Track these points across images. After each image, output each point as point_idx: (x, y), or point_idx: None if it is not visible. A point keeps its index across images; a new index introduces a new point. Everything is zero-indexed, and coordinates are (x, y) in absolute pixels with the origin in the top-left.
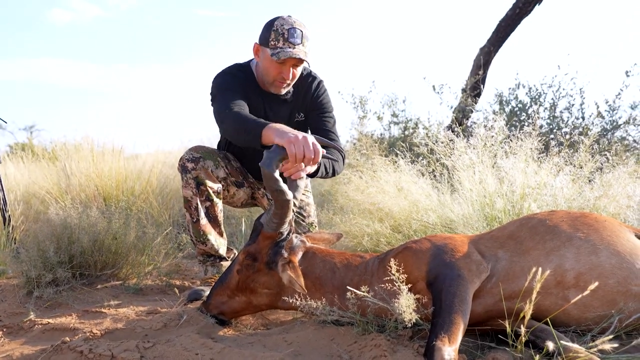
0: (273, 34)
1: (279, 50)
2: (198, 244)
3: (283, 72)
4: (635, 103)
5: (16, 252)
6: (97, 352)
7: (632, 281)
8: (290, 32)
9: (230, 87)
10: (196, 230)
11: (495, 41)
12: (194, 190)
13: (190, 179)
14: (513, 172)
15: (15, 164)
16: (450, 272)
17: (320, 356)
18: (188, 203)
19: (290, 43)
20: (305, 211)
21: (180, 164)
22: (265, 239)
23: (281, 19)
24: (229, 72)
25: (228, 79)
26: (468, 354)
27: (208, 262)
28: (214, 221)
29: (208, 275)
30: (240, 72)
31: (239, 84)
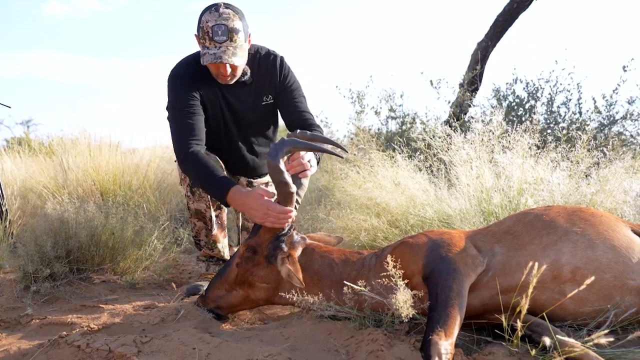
0: (200, 32)
1: (205, 51)
2: (205, 249)
3: (219, 70)
4: (633, 98)
5: (13, 246)
6: (95, 347)
7: (628, 275)
8: (215, 30)
9: (185, 104)
10: (208, 239)
11: (493, 36)
12: (208, 203)
13: (202, 192)
14: (510, 167)
15: (12, 158)
16: (446, 266)
17: (318, 351)
18: (201, 215)
19: (216, 42)
20: None
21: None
22: (266, 233)
23: (207, 12)
24: (181, 78)
25: (183, 89)
26: (465, 348)
27: (211, 262)
28: (222, 226)
29: (209, 272)
30: (193, 69)
31: (190, 87)
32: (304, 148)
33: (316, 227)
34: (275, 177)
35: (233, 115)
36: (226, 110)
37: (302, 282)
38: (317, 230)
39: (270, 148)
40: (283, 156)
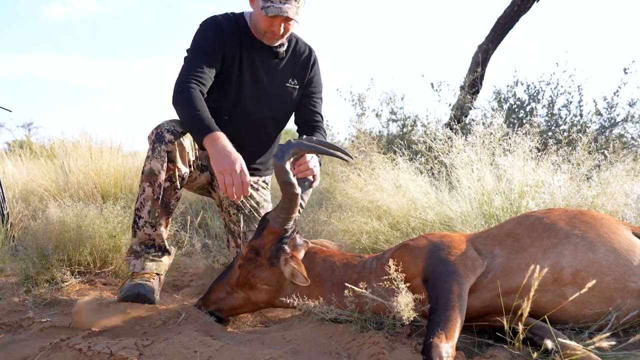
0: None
1: (269, 4)
2: (145, 227)
3: (273, 26)
4: (634, 100)
5: (15, 250)
6: (96, 350)
7: (629, 278)
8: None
9: (206, 48)
10: (153, 209)
11: (494, 38)
12: (164, 165)
13: (163, 151)
14: (511, 170)
15: (13, 161)
16: (446, 269)
17: (319, 354)
18: (153, 177)
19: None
20: (264, 208)
21: (156, 131)
22: (270, 234)
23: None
24: (216, 23)
25: (212, 33)
26: (466, 351)
27: (146, 255)
28: (166, 207)
29: (145, 270)
30: (230, 22)
31: (219, 38)
32: (310, 151)
33: (317, 230)
34: (280, 177)
35: (254, 80)
36: (247, 73)
37: (307, 279)
38: (318, 233)
39: (277, 149)
40: (290, 158)
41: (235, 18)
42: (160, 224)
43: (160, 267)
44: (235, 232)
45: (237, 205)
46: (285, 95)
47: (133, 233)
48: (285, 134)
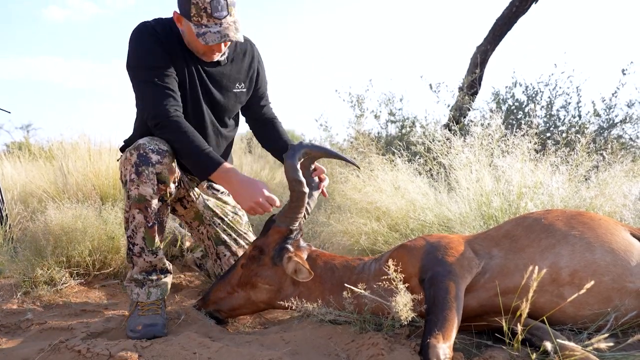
0: (194, 8)
1: (204, 30)
2: (145, 254)
3: (213, 48)
4: (632, 101)
5: (14, 251)
6: (95, 352)
7: (627, 278)
8: (214, 5)
9: (157, 65)
10: (150, 237)
11: (492, 39)
12: (155, 188)
13: (152, 173)
14: (510, 171)
15: (12, 163)
16: (442, 269)
17: (318, 355)
18: (145, 203)
19: (216, 18)
20: (240, 210)
21: (139, 152)
22: (275, 233)
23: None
24: (154, 33)
25: (155, 46)
26: (465, 351)
27: (149, 283)
28: (161, 227)
29: (151, 300)
30: (166, 30)
31: (163, 46)
32: (320, 153)
33: (316, 231)
34: (290, 175)
35: (206, 94)
36: (198, 85)
37: (310, 272)
38: (317, 234)
39: (289, 148)
40: (300, 158)
41: (170, 25)
42: (159, 248)
43: (165, 291)
44: (227, 241)
45: (222, 213)
46: (236, 101)
47: (129, 260)
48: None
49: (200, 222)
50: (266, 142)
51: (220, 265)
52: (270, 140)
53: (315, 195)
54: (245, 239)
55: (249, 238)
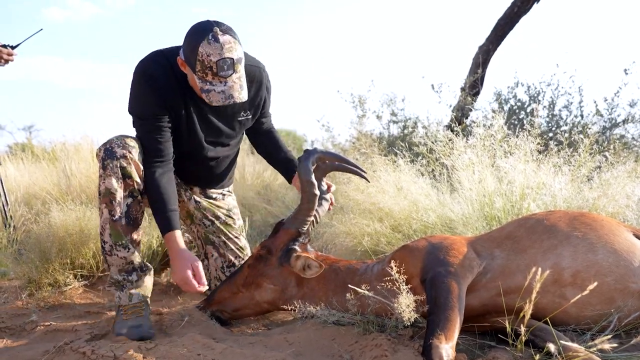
0: (199, 64)
1: (208, 87)
2: (117, 250)
3: None
4: (634, 101)
5: (18, 253)
6: (100, 353)
7: (629, 279)
8: (220, 65)
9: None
10: (116, 231)
11: (494, 40)
12: (120, 182)
13: (116, 167)
14: (512, 172)
15: (15, 165)
16: (443, 269)
17: (322, 356)
18: (110, 196)
19: (221, 77)
20: (234, 214)
21: (105, 147)
22: (284, 235)
23: (205, 43)
24: (152, 80)
25: (151, 94)
26: (468, 352)
27: (129, 285)
28: (134, 224)
29: (133, 302)
30: (166, 71)
31: (160, 94)
32: (333, 158)
33: (319, 232)
34: (303, 176)
35: (204, 124)
36: (197, 119)
37: (321, 265)
38: (320, 235)
39: (304, 152)
40: (314, 162)
41: (170, 63)
42: (132, 243)
43: (146, 290)
44: (216, 242)
45: (212, 216)
46: (239, 128)
47: (105, 261)
48: (286, 135)
49: (191, 221)
50: (266, 153)
51: (207, 265)
52: (271, 152)
53: (325, 207)
54: (236, 243)
55: (239, 243)
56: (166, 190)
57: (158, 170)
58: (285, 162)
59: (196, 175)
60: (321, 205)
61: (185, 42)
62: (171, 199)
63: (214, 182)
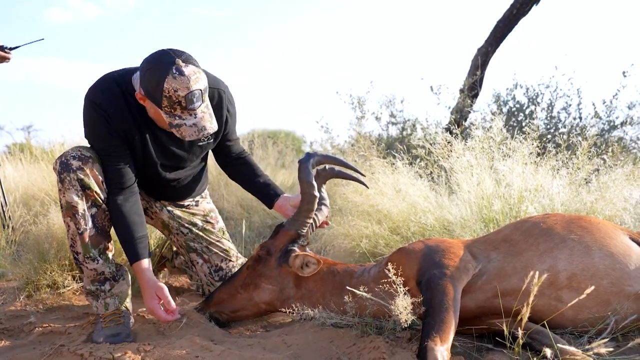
0: (166, 100)
1: (178, 121)
2: (86, 262)
3: None
4: (633, 103)
5: (16, 254)
6: (98, 355)
7: (625, 282)
8: (188, 99)
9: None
10: (84, 243)
11: (493, 41)
12: (80, 194)
13: (74, 179)
14: (511, 174)
15: (13, 165)
16: (439, 271)
17: (320, 358)
18: (72, 210)
19: (190, 110)
20: (212, 218)
21: (60, 160)
22: (284, 236)
23: (171, 79)
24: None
25: (102, 127)
26: (466, 355)
27: (103, 295)
28: (102, 232)
29: (110, 310)
30: (118, 101)
31: (112, 123)
32: (333, 162)
33: (317, 234)
34: (303, 177)
35: (160, 150)
36: (152, 145)
37: (319, 261)
38: (318, 237)
39: (304, 155)
40: (314, 165)
41: (121, 90)
42: (102, 252)
43: (123, 298)
44: (198, 249)
45: (189, 224)
46: (201, 152)
47: (79, 269)
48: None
49: (169, 231)
50: (242, 181)
51: (196, 272)
52: (246, 178)
53: (325, 212)
54: (219, 246)
55: (222, 246)
56: (130, 217)
57: (119, 197)
58: (264, 186)
59: (160, 194)
60: (320, 209)
61: (145, 78)
62: (136, 226)
63: (182, 197)
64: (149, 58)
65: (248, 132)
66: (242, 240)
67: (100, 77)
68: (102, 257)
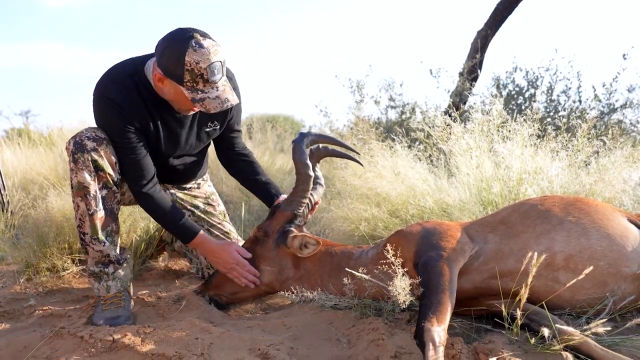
0: (188, 74)
1: (201, 95)
2: (93, 243)
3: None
4: (632, 86)
5: (15, 238)
6: (98, 337)
7: (622, 263)
8: (210, 70)
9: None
10: (92, 224)
11: (493, 24)
12: (92, 175)
13: (88, 160)
14: (510, 157)
15: (12, 149)
16: (435, 253)
17: (319, 340)
18: (84, 190)
19: (212, 83)
20: (213, 200)
21: (75, 140)
22: (280, 217)
23: (192, 52)
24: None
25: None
26: (465, 336)
27: (106, 277)
28: (111, 215)
29: (112, 293)
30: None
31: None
32: (327, 141)
33: (316, 217)
34: (297, 157)
35: (171, 138)
36: (163, 134)
37: (318, 241)
38: (317, 220)
39: (298, 135)
40: (308, 144)
41: (134, 81)
42: (109, 235)
43: (125, 282)
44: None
45: (191, 206)
46: (208, 138)
47: (84, 250)
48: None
49: None
50: (243, 178)
51: (197, 255)
52: (247, 176)
53: (320, 191)
54: (220, 228)
55: (224, 228)
56: (166, 203)
57: (148, 188)
58: (265, 185)
59: (165, 178)
60: (316, 189)
61: (164, 56)
62: (174, 208)
63: (185, 181)
64: (166, 37)
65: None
66: (242, 223)
67: (108, 70)
68: (109, 239)
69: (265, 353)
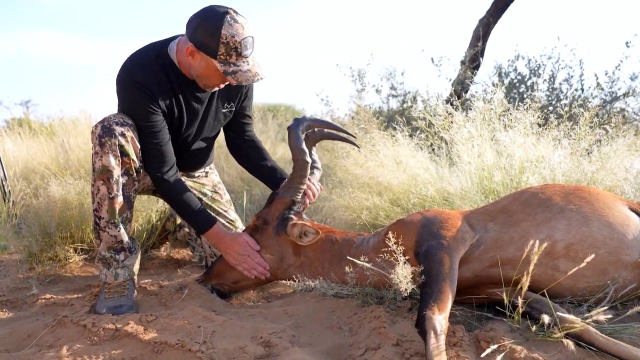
0: (223, 47)
1: (233, 68)
2: (109, 227)
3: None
4: (635, 74)
5: (17, 227)
6: (101, 326)
7: (623, 251)
8: (244, 44)
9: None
10: (112, 209)
11: (495, 12)
12: (117, 160)
13: (114, 145)
14: (512, 145)
15: (13, 139)
16: (436, 242)
17: (321, 328)
18: (107, 174)
19: (244, 56)
20: (220, 189)
21: (102, 124)
22: (279, 204)
23: (227, 26)
24: (143, 89)
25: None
26: (466, 324)
27: (116, 264)
28: (128, 202)
29: (118, 281)
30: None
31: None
32: (322, 125)
33: (318, 206)
34: (293, 143)
35: (191, 117)
36: (185, 113)
37: (318, 231)
38: (319, 209)
39: (293, 120)
40: (303, 130)
41: (160, 64)
42: (124, 222)
43: (132, 271)
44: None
45: (200, 194)
46: (222, 119)
47: (96, 235)
48: (285, 110)
49: None
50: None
51: (201, 243)
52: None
53: (317, 175)
54: (226, 217)
55: (229, 216)
56: (186, 190)
57: (169, 174)
58: (272, 170)
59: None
60: (313, 174)
61: (198, 31)
62: (193, 197)
63: (196, 167)
64: (199, 13)
65: None
66: (243, 212)
67: (132, 55)
68: (124, 226)
69: (268, 341)
